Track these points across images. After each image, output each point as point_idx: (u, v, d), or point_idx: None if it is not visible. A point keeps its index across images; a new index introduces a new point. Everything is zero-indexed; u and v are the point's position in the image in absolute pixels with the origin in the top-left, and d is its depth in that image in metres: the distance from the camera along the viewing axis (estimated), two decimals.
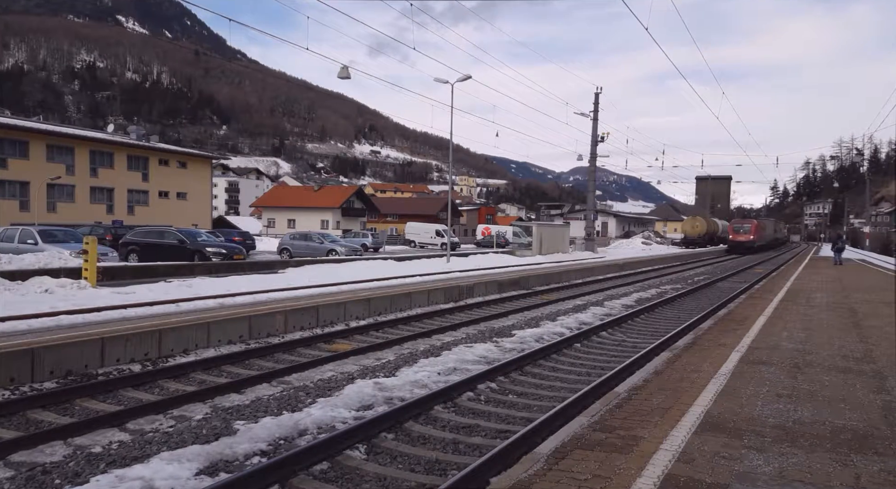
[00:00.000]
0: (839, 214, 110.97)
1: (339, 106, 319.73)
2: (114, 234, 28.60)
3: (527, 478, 3.76)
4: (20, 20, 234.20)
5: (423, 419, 6.14)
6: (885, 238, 69.26)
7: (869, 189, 74.97)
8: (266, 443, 5.18)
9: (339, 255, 32.76)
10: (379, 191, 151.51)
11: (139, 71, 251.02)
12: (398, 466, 5.00)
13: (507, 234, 56.48)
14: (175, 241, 25.22)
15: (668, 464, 3.99)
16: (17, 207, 42.32)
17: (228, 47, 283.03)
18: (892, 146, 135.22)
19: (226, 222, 68.77)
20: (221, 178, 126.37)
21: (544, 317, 12.88)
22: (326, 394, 6.65)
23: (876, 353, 8.03)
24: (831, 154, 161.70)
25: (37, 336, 8.02)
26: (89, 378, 7.56)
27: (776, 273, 27.71)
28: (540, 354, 9.09)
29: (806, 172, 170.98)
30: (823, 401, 5.67)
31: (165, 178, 52.75)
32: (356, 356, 9.20)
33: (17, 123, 46.11)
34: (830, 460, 4.15)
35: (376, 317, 12.96)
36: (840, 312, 12.34)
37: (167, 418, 6.22)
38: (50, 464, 4.69)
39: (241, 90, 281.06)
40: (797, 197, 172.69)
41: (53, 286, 12.97)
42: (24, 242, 21.40)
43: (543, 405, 6.80)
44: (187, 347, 9.16)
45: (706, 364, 7.18)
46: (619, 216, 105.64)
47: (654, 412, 5.20)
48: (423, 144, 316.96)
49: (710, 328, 10.21)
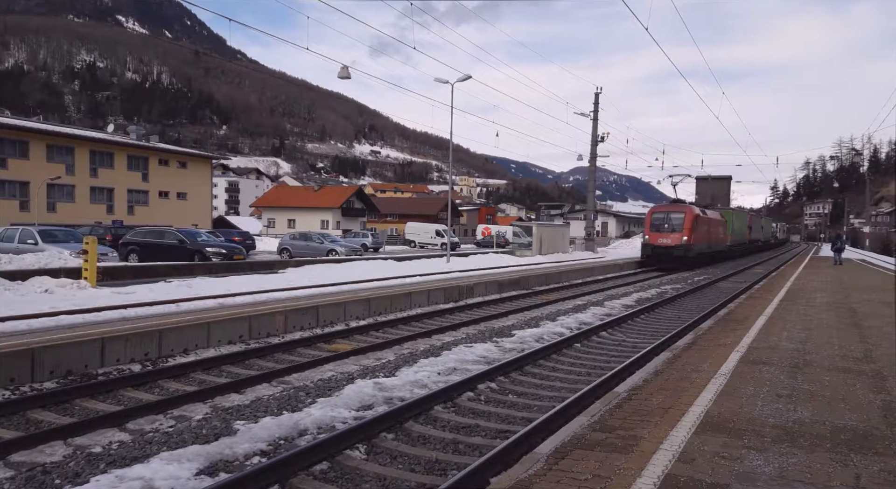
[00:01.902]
0: (839, 214, 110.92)
1: (339, 106, 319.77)
2: (114, 234, 28.59)
3: (527, 478, 3.76)
4: (20, 20, 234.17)
5: (423, 419, 6.14)
6: (885, 238, 69.27)
7: (869, 189, 74.94)
8: (266, 443, 5.17)
9: (339, 255, 32.76)
10: (379, 191, 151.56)
11: (139, 71, 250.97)
12: (398, 466, 5.00)
13: (507, 234, 56.49)
14: (175, 241, 25.22)
15: (668, 464, 3.99)
16: (17, 207, 42.32)
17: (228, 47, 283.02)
18: (892, 146, 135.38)
19: (226, 222, 68.78)
20: (221, 178, 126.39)
21: (544, 317, 12.87)
22: (326, 394, 6.65)
23: (876, 353, 8.02)
24: (831, 154, 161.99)
25: (37, 336, 8.02)
26: (89, 378, 7.56)
27: (776, 273, 27.71)
28: (540, 354, 9.09)
29: (806, 172, 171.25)
30: (823, 401, 5.66)
31: (165, 178, 52.75)
32: (356, 356, 9.20)
33: (17, 123, 46.12)
34: (830, 460, 4.15)
35: (376, 317, 12.96)
36: (840, 312, 12.33)
37: (167, 418, 6.22)
38: (50, 464, 4.69)
39: (241, 90, 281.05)
40: (797, 197, 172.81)
41: (53, 286, 12.97)
42: (24, 242, 21.40)
43: (543, 405, 6.80)
44: (187, 347, 9.16)
45: (706, 364, 7.18)
46: (619, 216, 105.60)
47: (654, 412, 5.20)
48: (423, 144, 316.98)
49: (710, 328, 10.21)
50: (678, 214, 30.22)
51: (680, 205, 32.05)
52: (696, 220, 30.42)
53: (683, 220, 29.71)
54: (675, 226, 29.76)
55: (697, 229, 30.47)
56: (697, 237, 30.49)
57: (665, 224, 30.12)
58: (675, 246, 29.21)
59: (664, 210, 31.47)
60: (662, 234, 29.88)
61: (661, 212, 31.38)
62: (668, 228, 29.86)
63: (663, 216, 30.57)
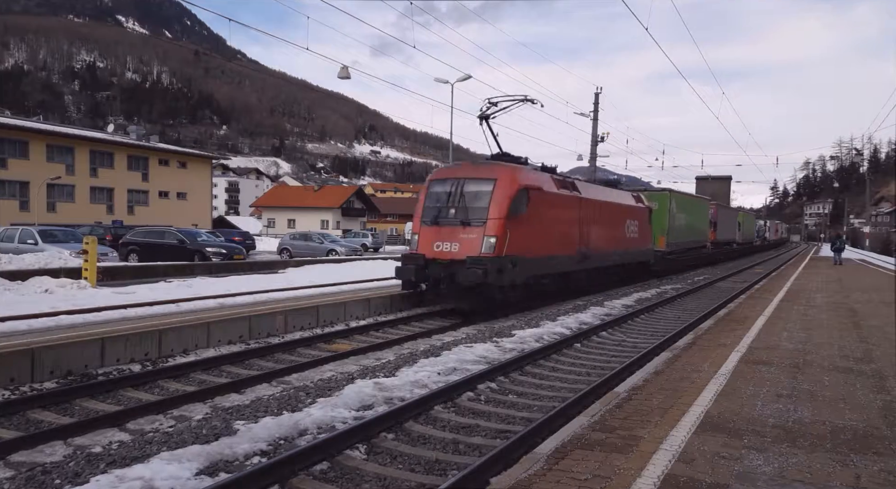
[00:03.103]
0: (839, 214, 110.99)
1: (339, 106, 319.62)
2: (114, 234, 28.62)
3: (527, 478, 3.76)
4: (20, 20, 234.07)
5: (423, 419, 6.14)
6: (885, 238, 69.28)
7: (869, 189, 74.93)
8: (266, 443, 5.17)
9: (339, 255, 32.77)
10: (379, 191, 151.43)
11: (139, 71, 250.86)
12: (398, 466, 5.00)
13: None
14: (175, 241, 25.23)
15: (668, 465, 3.99)
16: (17, 207, 42.31)
17: (228, 47, 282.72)
18: (892, 146, 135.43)
19: (226, 222, 68.75)
20: (221, 178, 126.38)
21: (544, 316, 12.87)
22: (326, 394, 6.65)
23: (876, 353, 8.02)
24: (831, 154, 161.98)
25: (37, 336, 8.02)
26: (89, 378, 7.56)
27: (776, 273, 27.71)
28: (540, 354, 9.09)
29: (806, 172, 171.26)
30: (823, 401, 5.66)
31: (165, 178, 52.75)
32: (356, 356, 9.21)
33: (17, 123, 46.11)
34: (830, 460, 4.15)
35: (376, 317, 12.96)
36: (840, 312, 12.33)
37: (167, 418, 6.23)
38: (50, 464, 4.68)
39: (241, 90, 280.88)
40: (797, 197, 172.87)
41: (53, 286, 12.97)
42: (24, 242, 21.41)
43: (543, 405, 6.80)
44: (187, 347, 9.16)
45: (706, 364, 7.18)
46: None
47: (654, 412, 5.20)
48: (423, 144, 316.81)
49: (710, 328, 10.21)
50: (481, 185, 13.24)
51: (494, 165, 14.23)
52: (525, 198, 13.41)
53: (491, 200, 12.93)
54: (474, 211, 13.03)
55: (528, 222, 13.51)
56: (530, 240, 13.57)
57: (452, 207, 13.35)
58: (463, 262, 12.52)
59: (457, 174, 13.90)
60: (444, 231, 13.20)
61: (450, 179, 13.79)
62: (457, 218, 13.15)
63: (453, 187, 13.54)
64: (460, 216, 13.04)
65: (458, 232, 12.96)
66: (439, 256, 12.92)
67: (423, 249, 13.20)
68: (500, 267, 12.42)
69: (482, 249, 12.53)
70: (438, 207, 13.46)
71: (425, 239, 13.35)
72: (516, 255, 12.95)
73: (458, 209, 13.18)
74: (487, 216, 12.75)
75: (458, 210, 13.16)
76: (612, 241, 18.86)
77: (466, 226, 12.89)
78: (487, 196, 12.96)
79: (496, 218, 12.70)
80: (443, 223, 13.22)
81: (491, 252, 12.47)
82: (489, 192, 12.97)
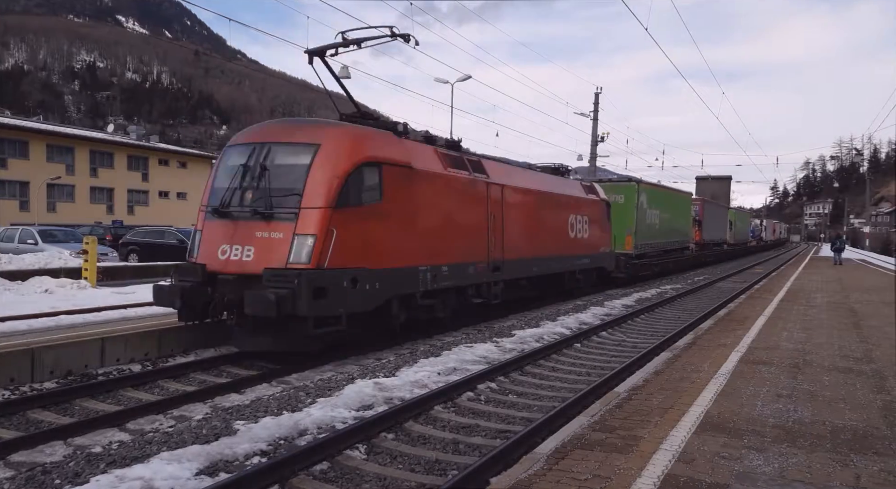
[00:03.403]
0: (839, 214, 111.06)
1: (339, 106, 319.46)
2: (114, 234, 28.60)
3: (527, 478, 3.76)
4: (20, 20, 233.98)
5: (423, 419, 6.14)
6: (885, 238, 69.31)
7: (869, 189, 74.99)
8: (266, 443, 5.17)
9: None
10: None
11: (139, 71, 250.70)
12: (398, 466, 5.00)
13: None
14: (175, 241, 25.19)
15: (668, 465, 3.99)
16: (17, 207, 42.32)
17: (228, 47, 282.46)
18: (892, 146, 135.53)
19: None
20: None
21: (544, 317, 12.87)
22: (326, 394, 6.64)
23: (876, 353, 8.03)
24: (831, 154, 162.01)
25: (37, 336, 8.03)
26: (89, 378, 7.56)
27: (776, 273, 27.72)
28: (540, 354, 9.09)
29: (806, 172, 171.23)
30: (823, 401, 5.66)
31: (165, 178, 52.77)
32: (356, 356, 9.20)
33: (17, 123, 46.12)
34: (830, 460, 4.15)
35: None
36: (840, 312, 12.34)
37: (167, 418, 6.23)
38: (50, 464, 4.68)
39: (241, 90, 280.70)
40: (797, 197, 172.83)
41: (53, 286, 12.98)
42: (24, 242, 21.41)
43: (543, 405, 6.81)
44: (187, 347, 9.15)
45: (706, 364, 7.18)
46: None
47: (654, 412, 5.20)
48: None
49: (710, 328, 10.21)
50: (295, 154, 8.58)
51: (319, 123, 9.50)
52: (376, 177, 8.93)
53: (308, 178, 8.28)
54: (279, 196, 8.29)
55: (384, 215, 9.06)
56: (387, 242, 9.14)
57: (248, 189, 8.49)
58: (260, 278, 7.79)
59: (262, 136, 8.97)
60: (236, 228, 8.39)
61: (250, 144, 8.92)
62: (252, 207, 8.35)
63: (252, 158, 8.63)
64: (259, 204, 8.27)
65: (254, 229, 8.22)
66: (227, 269, 8.18)
67: (204, 257, 8.47)
68: (321, 285, 7.80)
69: (290, 257, 7.94)
70: (232, 190, 8.54)
71: (209, 240, 8.58)
72: (358, 267, 8.39)
73: (255, 192, 8.37)
74: (301, 204, 8.13)
75: (256, 194, 8.35)
76: (546, 244, 14.54)
77: (268, 220, 8.18)
78: (303, 171, 8.30)
79: (316, 207, 8.10)
80: (235, 215, 8.42)
81: (306, 262, 7.89)
82: (305, 166, 8.33)
